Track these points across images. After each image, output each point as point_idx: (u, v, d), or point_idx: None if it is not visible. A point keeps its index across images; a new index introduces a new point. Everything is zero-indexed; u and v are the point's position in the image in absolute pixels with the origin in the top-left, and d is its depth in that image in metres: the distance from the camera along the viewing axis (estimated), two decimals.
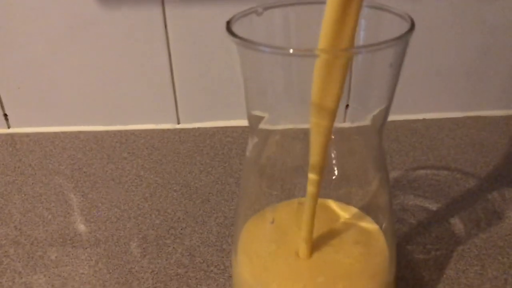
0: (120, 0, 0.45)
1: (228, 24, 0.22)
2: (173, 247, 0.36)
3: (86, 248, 0.36)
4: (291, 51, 0.20)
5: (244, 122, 0.50)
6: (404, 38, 0.21)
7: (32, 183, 0.43)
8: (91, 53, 0.48)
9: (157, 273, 0.33)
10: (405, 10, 0.48)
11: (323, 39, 0.21)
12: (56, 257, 0.35)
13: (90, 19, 0.46)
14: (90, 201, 0.41)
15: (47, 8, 0.45)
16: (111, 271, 0.34)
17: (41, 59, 0.48)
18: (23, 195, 0.42)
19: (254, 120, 0.25)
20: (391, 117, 0.51)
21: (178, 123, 0.51)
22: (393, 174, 0.42)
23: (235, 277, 0.27)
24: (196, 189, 0.42)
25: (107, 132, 0.50)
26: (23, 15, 0.46)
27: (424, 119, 0.50)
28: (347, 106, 0.26)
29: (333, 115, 0.22)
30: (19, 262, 0.35)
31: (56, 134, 0.50)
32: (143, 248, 0.36)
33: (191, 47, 0.47)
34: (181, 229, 0.37)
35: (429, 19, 0.46)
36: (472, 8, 0.46)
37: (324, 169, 0.23)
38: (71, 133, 0.50)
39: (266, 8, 0.24)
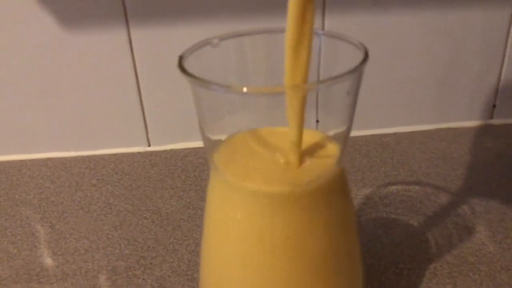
0: (84, 23, 0.44)
1: (181, 60, 0.21)
2: (143, 279, 0.35)
3: (52, 283, 0.35)
4: (244, 90, 0.19)
5: None
6: (358, 70, 0.21)
7: None
8: (57, 78, 0.47)
9: None
10: (370, 23, 0.48)
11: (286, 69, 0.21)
12: None
13: (55, 44, 0.45)
14: (58, 233, 0.40)
15: (10, 34, 0.44)
16: None
17: (5, 85, 0.47)
18: None
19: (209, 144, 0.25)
20: (361, 132, 0.51)
21: (149, 145, 0.51)
22: (365, 191, 0.42)
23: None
24: (167, 215, 0.41)
25: (75, 158, 0.49)
26: None
27: (395, 133, 0.50)
28: (317, 121, 0.26)
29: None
30: None
31: (23, 162, 0.49)
32: (112, 281, 0.35)
33: (158, 68, 0.47)
34: (151, 259, 0.36)
35: (397, 31, 0.46)
36: (439, 20, 0.46)
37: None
38: (39, 160, 0.49)
39: (222, 39, 0.24)
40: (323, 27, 0.45)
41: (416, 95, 0.50)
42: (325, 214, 0.23)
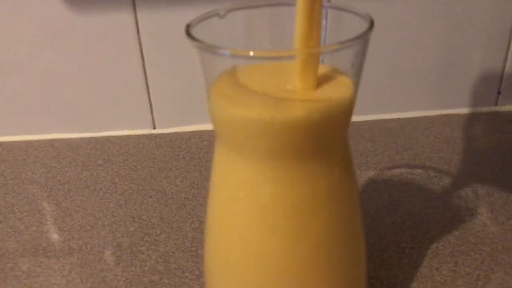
0: (92, 5, 0.45)
1: (188, 28, 0.22)
2: (148, 254, 0.35)
3: (59, 258, 0.35)
4: (251, 53, 0.20)
5: None
6: (363, 38, 0.21)
7: (4, 193, 0.42)
8: (64, 59, 0.47)
9: (131, 281, 0.33)
10: (375, 9, 0.48)
11: (296, 38, 0.21)
12: (27, 267, 0.34)
13: (62, 25, 0.45)
14: (64, 210, 0.40)
15: (18, 15, 0.45)
16: (84, 280, 0.33)
17: (12, 67, 0.47)
18: None
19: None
20: (365, 117, 0.52)
21: (154, 128, 0.51)
22: (368, 174, 0.42)
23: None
24: (172, 195, 0.41)
25: (81, 139, 0.50)
26: None
27: (398, 119, 0.51)
28: None
29: None
30: None
31: (29, 142, 0.50)
32: (117, 256, 0.35)
33: (165, 51, 0.47)
34: (156, 236, 0.37)
35: (400, 18, 0.46)
36: (444, 5, 0.46)
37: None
38: (45, 141, 0.50)
39: (229, 10, 0.24)
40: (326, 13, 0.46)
41: (420, 81, 0.50)
42: (329, 182, 0.23)
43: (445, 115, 0.51)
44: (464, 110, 0.51)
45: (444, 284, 0.32)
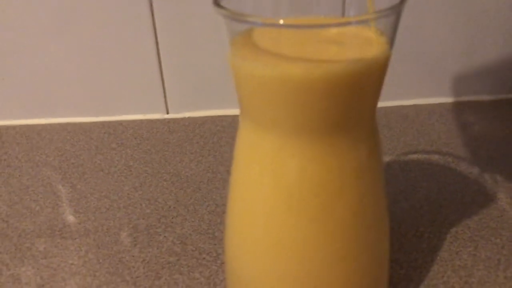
0: None
1: None
2: (164, 236, 0.35)
3: (75, 239, 0.35)
4: (281, 22, 0.19)
5: (234, 111, 0.49)
6: (396, 9, 0.20)
7: (19, 175, 0.42)
8: (77, 43, 0.47)
9: (148, 262, 0.33)
10: None
11: None
12: (44, 248, 0.34)
13: (75, 7, 0.45)
14: (79, 192, 0.40)
15: None
16: (101, 261, 0.33)
17: (26, 50, 0.47)
18: (9, 188, 0.41)
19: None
20: (382, 103, 0.51)
21: (167, 113, 0.51)
22: (385, 159, 0.42)
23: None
24: (187, 178, 0.41)
25: (94, 123, 0.50)
26: (5, 5, 0.45)
27: (414, 105, 0.50)
28: None
29: None
30: (7, 254, 0.34)
31: (43, 126, 0.49)
32: (134, 238, 0.35)
33: (179, 35, 0.47)
34: (172, 218, 0.37)
35: (418, 4, 0.46)
36: None
37: None
38: (58, 124, 0.50)
39: None
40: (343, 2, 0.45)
41: (436, 68, 0.49)
42: (356, 160, 0.23)
43: (461, 102, 0.50)
44: (482, 97, 0.51)
45: (465, 268, 0.31)
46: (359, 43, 0.22)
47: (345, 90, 0.20)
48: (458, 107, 0.50)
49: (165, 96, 0.50)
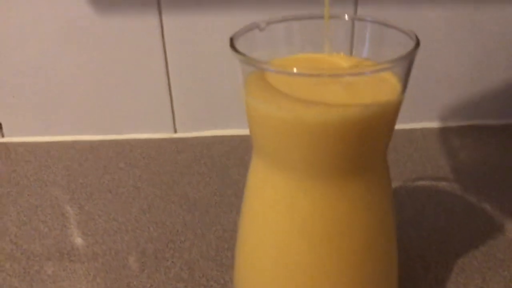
0: (117, 6, 0.45)
1: (232, 41, 0.22)
2: (172, 261, 0.35)
3: (83, 263, 0.35)
4: (294, 70, 0.20)
5: (241, 131, 0.50)
6: (409, 56, 0.21)
7: (28, 195, 0.42)
8: (87, 61, 0.47)
9: None
10: (404, 19, 0.48)
11: None
12: (53, 271, 0.35)
13: (86, 26, 0.45)
14: (87, 214, 0.40)
15: (42, 15, 0.45)
16: (109, 286, 0.33)
17: (37, 67, 0.47)
18: (18, 207, 0.41)
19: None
20: None
21: (175, 132, 0.51)
22: (392, 185, 0.42)
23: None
24: (195, 201, 0.41)
25: (102, 141, 0.50)
26: (17, 23, 0.45)
27: (421, 128, 0.50)
28: None
29: None
30: (16, 277, 0.34)
31: (51, 143, 0.50)
32: (142, 262, 0.35)
33: (188, 55, 0.47)
34: (180, 243, 0.37)
35: (427, 28, 0.46)
36: (470, 18, 0.46)
37: None
38: (66, 142, 0.50)
39: (269, 23, 0.24)
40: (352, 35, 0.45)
41: (444, 91, 0.50)
42: (367, 203, 0.23)
43: (467, 127, 0.50)
44: (489, 122, 0.51)
45: None
46: (374, 85, 0.22)
47: (358, 134, 0.21)
48: (465, 132, 0.50)
49: (173, 115, 0.50)
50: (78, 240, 0.37)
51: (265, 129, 0.22)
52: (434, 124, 0.51)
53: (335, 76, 0.20)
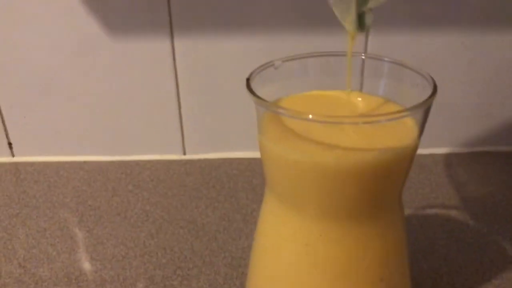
0: (129, 30, 0.45)
1: (248, 82, 0.22)
2: None
3: None
4: (310, 116, 0.19)
5: (250, 154, 0.50)
6: (427, 103, 0.20)
7: (36, 217, 0.42)
8: (97, 82, 0.47)
9: None
10: (413, 46, 0.47)
11: None
12: None
13: (98, 47, 0.46)
14: (96, 237, 0.40)
15: (53, 36, 0.45)
16: None
17: (47, 88, 0.48)
18: (27, 229, 0.41)
19: None
20: None
21: (184, 154, 0.51)
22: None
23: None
24: (203, 226, 0.41)
25: (111, 162, 0.50)
26: (28, 43, 0.46)
27: (432, 154, 0.50)
28: None
29: None
30: None
31: (60, 163, 0.50)
32: None
33: (199, 77, 0.47)
34: (188, 270, 0.37)
35: (436, 55, 0.46)
36: (479, 44, 0.46)
37: None
38: (76, 162, 0.50)
39: (284, 61, 0.24)
40: (366, 47, 0.45)
41: (454, 117, 0.49)
42: (382, 247, 0.23)
43: (477, 153, 0.50)
44: (497, 149, 0.50)
45: None
46: (390, 128, 0.22)
47: (374, 178, 0.20)
48: (476, 158, 0.49)
49: (182, 137, 0.50)
50: (87, 265, 0.37)
51: (279, 169, 0.22)
52: (444, 150, 0.50)
53: (352, 123, 0.20)
